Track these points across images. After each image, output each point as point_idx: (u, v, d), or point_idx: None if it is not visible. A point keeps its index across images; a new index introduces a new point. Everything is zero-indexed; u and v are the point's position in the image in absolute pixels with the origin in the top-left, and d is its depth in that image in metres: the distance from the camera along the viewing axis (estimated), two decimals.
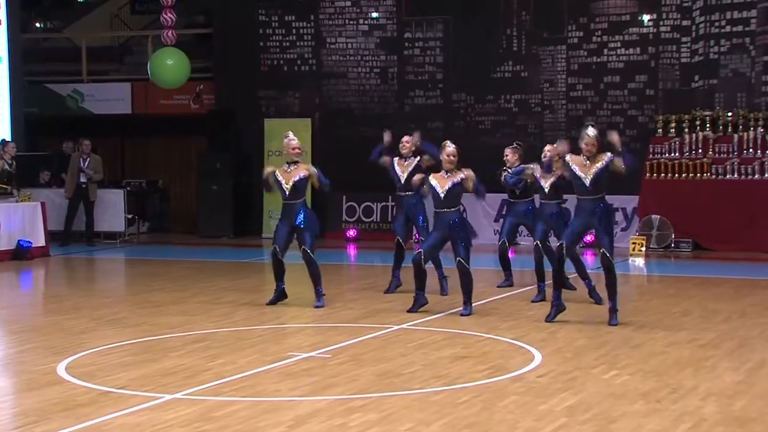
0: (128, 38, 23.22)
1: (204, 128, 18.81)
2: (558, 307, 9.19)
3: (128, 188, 18.95)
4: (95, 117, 20.02)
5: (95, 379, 6.98)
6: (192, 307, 10.39)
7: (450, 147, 9.63)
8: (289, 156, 10.12)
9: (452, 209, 9.57)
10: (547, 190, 10.20)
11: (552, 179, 10.06)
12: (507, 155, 10.98)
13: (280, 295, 10.38)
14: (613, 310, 9.11)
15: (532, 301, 10.39)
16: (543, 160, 10.16)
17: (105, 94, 19.98)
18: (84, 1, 25.39)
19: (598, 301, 9.97)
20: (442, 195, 9.54)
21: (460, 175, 9.56)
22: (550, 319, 9.17)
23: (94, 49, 21.02)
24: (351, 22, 18.60)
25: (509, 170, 10.70)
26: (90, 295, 11.77)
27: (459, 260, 9.52)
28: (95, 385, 6.81)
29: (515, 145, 11.09)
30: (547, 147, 10.32)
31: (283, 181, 10.09)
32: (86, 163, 17.23)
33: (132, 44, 22.76)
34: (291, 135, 10.21)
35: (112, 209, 17.75)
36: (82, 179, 17.20)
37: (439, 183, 9.59)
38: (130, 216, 18.40)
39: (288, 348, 8.10)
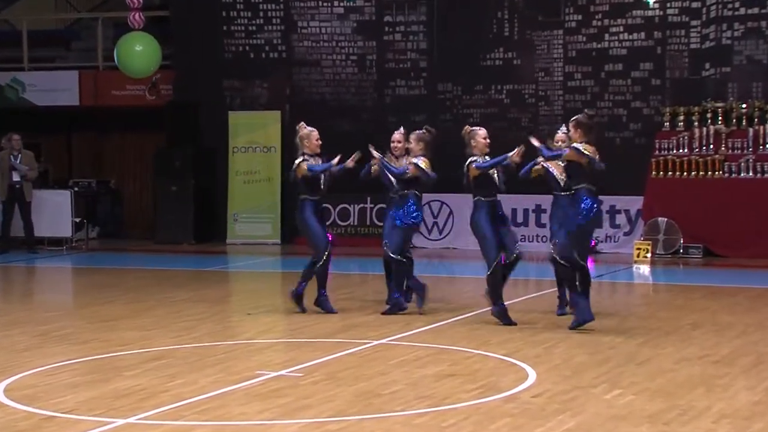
0: (75, 21, 23.08)
1: (161, 122, 18.75)
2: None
3: (76, 189, 18.85)
4: (38, 109, 19.91)
5: (39, 403, 6.93)
6: (148, 321, 10.35)
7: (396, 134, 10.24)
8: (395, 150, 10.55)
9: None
10: (561, 182, 10.06)
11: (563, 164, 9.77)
12: (410, 143, 10.66)
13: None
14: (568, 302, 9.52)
15: (559, 314, 10.28)
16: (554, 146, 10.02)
17: (49, 83, 19.88)
18: None
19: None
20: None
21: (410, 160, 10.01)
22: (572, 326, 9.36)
23: (37, 33, 20.90)
24: (325, 5, 18.59)
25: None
26: (33, 309, 11.69)
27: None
28: (38, 409, 6.77)
29: (424, 129, 10.69)
30: (560, 135, 10.11)
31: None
32: (18, 160, 17.15)
33: (80, 28, 22.63)
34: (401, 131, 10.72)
35: (57, 212, 17.65)
36: (15, 178, 17.10)
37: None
38: (78, 220, 18.30)
39: (256, 366, 8.09)
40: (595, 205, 9.28)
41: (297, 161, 10.44)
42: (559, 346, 8.85)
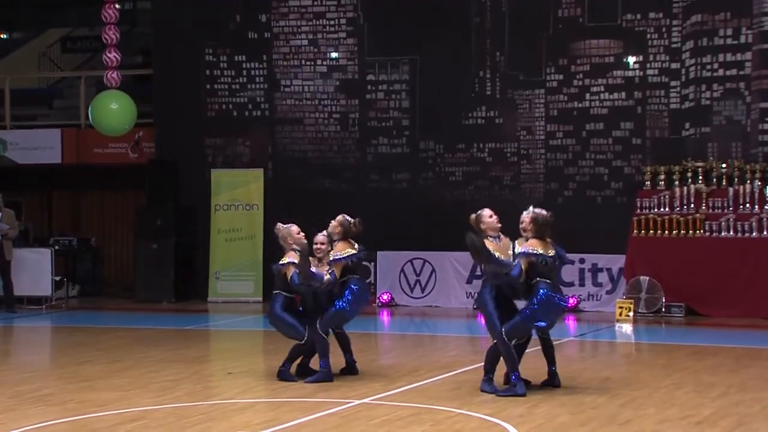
0: (58, 80, 23.18)
1: (143, 180, 18.75)
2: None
3: (56, 247, 18.77)
4: (19, 167, 19.90)
5: None
6: (127, 381, 10.25)
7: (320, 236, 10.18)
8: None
9: None
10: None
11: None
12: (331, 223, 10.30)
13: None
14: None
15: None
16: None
17: (31, 141, 19.87)
18: (8, 38, 25.36)
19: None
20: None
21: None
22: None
23: (19, 92, 20.96)
24: (308, 63, 18.73)
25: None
26: (9, 369, 11.57)
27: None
28: None
29: (354, 222, 10.18)
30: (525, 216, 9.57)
31: None
32: None
33: (62, 86, 22.73)
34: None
35: (37, 271, 17.54)
36: None
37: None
38: (58, 278, 18.20)
39: (236, 426, 8.02)
40: (550, 294, 9.20)
41: (286, 261, 9.99)
42: (541, 405, 8.82)
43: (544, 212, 9.47)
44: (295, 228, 10.23)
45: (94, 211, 20.82)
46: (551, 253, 9.36)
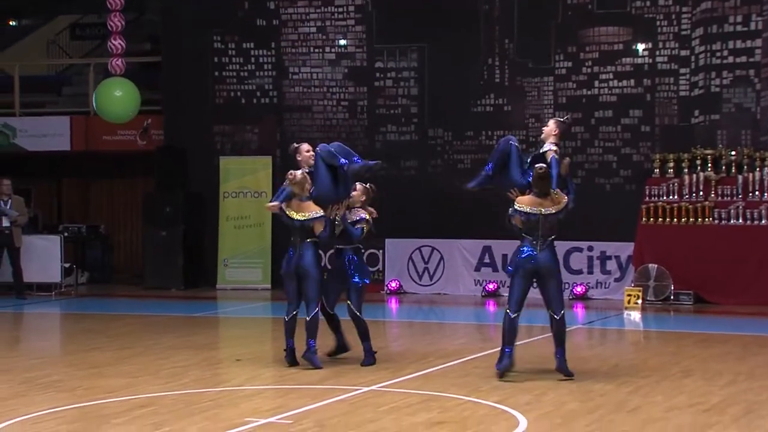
0: (67, 67, 23.21)
1: (152, 167, 18.78)
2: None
3: (65, 234, 18.82)
4: (29, 154, 19.95)
5: None
6: (136, 367, 10.29)
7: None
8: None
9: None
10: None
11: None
12: (354, 191, 10.40)
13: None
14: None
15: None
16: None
17: (40, 128, 19.92)
18: (17, 25, 25.39)
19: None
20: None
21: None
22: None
23: (28, 79, 20.98)
24: (316, 50, 18.72)
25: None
26: (19, 356, 11.62)
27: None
28: None
29: (369, 186, 10.57)
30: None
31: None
32: (8, 205, 17.14)
33: (71, 73, 22.76)
34: None
35: (46, 258, 17.61)
36: (5, 223, 17.08)
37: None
38: (67, 265, 18.25)
39: (244, 413, 8.04)
40: (524, 250, 9.31)
41: (316, 215, 10.00)
42: (549, 393, 8.83)
43: (542, 166, 9.73)
44: (307, 176, 10.23)
45: (103, 198, 20.88)
46: (546, 210, 9.46)
